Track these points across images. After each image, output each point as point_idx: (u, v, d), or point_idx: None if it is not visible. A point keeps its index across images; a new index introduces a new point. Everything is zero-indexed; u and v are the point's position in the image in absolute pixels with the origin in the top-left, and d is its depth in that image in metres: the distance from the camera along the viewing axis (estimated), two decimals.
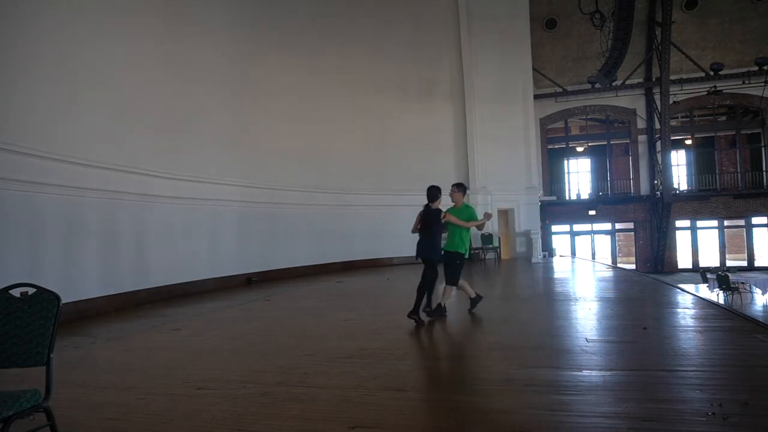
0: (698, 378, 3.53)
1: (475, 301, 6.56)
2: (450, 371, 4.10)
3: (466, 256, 6.41)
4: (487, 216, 6.34)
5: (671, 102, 20.48)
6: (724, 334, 5.03)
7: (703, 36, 20.80)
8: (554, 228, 23.88)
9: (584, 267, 14.47)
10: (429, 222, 6.20)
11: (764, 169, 21.66)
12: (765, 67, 19.25)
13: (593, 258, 22.64)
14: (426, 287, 6.13)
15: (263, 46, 12.63)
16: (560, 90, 21.43)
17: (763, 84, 19.65)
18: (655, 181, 21.69)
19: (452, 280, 6.32)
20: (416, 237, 6.38)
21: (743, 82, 19.87)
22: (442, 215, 6.18)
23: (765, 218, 22.07)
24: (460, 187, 6.51)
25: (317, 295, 9.60)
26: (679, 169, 23.97)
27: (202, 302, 8.81)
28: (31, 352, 2.29)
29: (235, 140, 11.77)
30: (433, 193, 6.28)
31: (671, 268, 21.73)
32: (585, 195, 24.08)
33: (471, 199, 16.39)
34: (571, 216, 23.37)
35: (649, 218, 22.21)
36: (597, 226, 23.78)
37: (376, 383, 3.66)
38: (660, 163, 20.91)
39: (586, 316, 6.23)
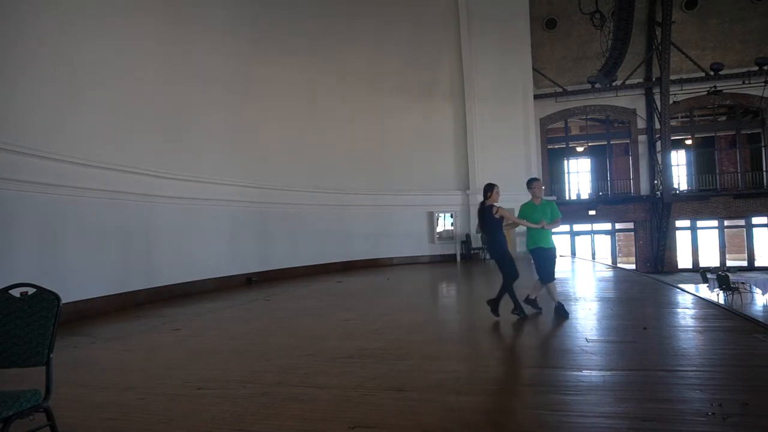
0: (698, 378, 3.53)
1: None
2: (450, 371, 4.10)
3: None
4: (548, 225, 6.30)
5: (671, 102, 20.46)
6: (724, 334, 5.03)
7: (703, 36, 20.79)
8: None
9: (584, 267, 14.48)
10: (482, 219, 6.26)
11: (764, 169, 21.65)
12: (765, 67, 19.24)
13: (593, 258, 22.64)
14: (509, 283, 6.13)
15: (263, 46, 12.63)
16: (560, 90, 21.41)
17: (763, 84, 19.63)
18: (655, 181, 21.68)
19: (551, 276, 6.29)
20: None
21: (743, 82, 19.86)
22: (495, 210, 6.16)
23: (765, 218, 22.06)
24: (539, 182, 6.50)
25: (317, 295, 9.60)
26: (679, 169, 23.96)
27: (202, 302, 8.81)
28: (31, 352, 2.29)
29: (235, 140, 11.77)
30: (485, 189, 6.35)
31: (671, 268, 21.72)
32: (585, 195, 24.06)
33: (471, 199, 16.43)
34: (571, 216, 23.33)
35: (649, 218, 22.21)
36: (597, 226, 23.77)
37: (376, 383, 3.66)
38: (660, 163, 20.90)
39: (586, 316, 6.23)
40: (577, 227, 23.94)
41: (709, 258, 22.40)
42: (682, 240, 22.44)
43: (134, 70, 9.04)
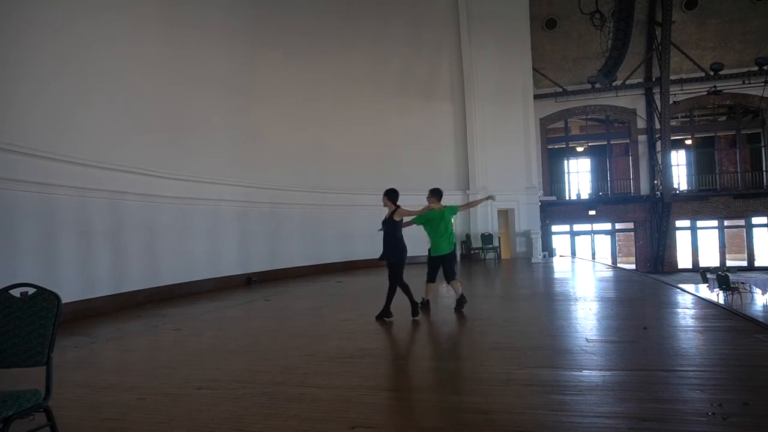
0: (698, 378, 3.53)
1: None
2: (450, 371, 4.10)
3: (435, 254, 6.99)
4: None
5: (671, 102, 20.48)
6: (724, 334, 5.03)
7: (703, 36, 20.80)
8: (554, 228, 23.88)
9: (584, 267, 14.47)
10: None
11: (764, 169, 21.66)
12: (765, 67, 19.26)
13: (593, 258, 22.64)
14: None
15: (264, 46, 12.63)
16: (560, 90, 21.43)
17: (763, 84, 19.65)
18: (655, 181, 21.69)
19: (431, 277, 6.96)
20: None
21: (743, 82, 19.87)
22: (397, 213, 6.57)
23: (765, 218, 22.07)
24: (434, 193, 7.13)
25: (317, 295, 9.60)
26: (679, 169, 23.97)
27: (202, 302, 8.81)
28: (31, 352, 2.29)
29: (236, 140, 11.77)
30: (391, 194, 6.65)
31: (671, 268, 21.73)
32: (585, 195, 24.08)
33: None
34: (571, 216, 23.36)
35: (649, 218, 22.22)
36: (597, 226, 23.78)
37: (376, 383, 3.66)
38: (660, 163, 20.91)
39: (586, 316, 6.23)
40: (577, 227, 23.95)
41: (709, 258, 22.41)
42: (682, 240, 22.45)
43: (135, 70, 9.03)
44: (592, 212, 23.01)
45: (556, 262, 16.59)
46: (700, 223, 22.38)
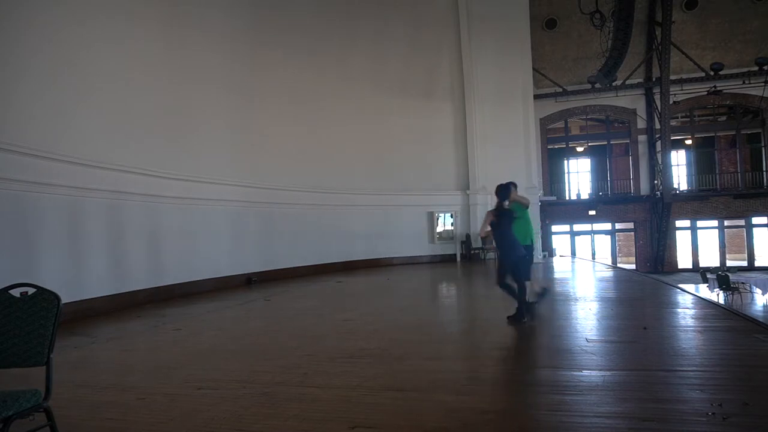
0: (698, 378, 3.53)
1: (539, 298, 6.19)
2: (450, 371, 4.10)
3: (530, 243, 6.41)
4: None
5: (671, 102, 20.47)
6: (724, 334, 5.03)
7: (703, 36, 20.80)
8: (554, 228, 23.88)
9: (584, 267, 14.48)
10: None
11: (764, 169, 21.66)
12: (765, 67, 19.25)
13: (593, 258, 22.64)
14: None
15: (264, 46, 12.63)
16: (560, 90, 21.42)
17: (763, 84, 19.64)
18: (655, 181, 21.69)
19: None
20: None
21: (743, 82, 19.87)
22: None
23: (765, 218, 22.07)
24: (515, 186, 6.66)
25: (317, 295, 9.60)
26: (679, 169, 23.97)
27: (202, 302, 8.81)
28: (31, 352, 2.29)
29: (236, 140, 11.77)
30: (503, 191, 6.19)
31: (671, 268, 21.72)
32: (585, 195, 24.07)
33: (471, 199, 16.45)
34: (571, 216, 23.36)
35: (649, 218, 22.22)
36: (597, 226, 23.78)
37: (376, 383, 3.66)
38: (660, 163, 20.91)
39: (586, 316, 6.23)
40: (577, 227, 23.95)
41: (709, 258, 22.40)
42: (682, 240, 22.45)
43: (135, 70, 9.03)
44: (592, 212, 23.01)
45: (556, 262, 16.59)
46: (700, 223, 22.38)
